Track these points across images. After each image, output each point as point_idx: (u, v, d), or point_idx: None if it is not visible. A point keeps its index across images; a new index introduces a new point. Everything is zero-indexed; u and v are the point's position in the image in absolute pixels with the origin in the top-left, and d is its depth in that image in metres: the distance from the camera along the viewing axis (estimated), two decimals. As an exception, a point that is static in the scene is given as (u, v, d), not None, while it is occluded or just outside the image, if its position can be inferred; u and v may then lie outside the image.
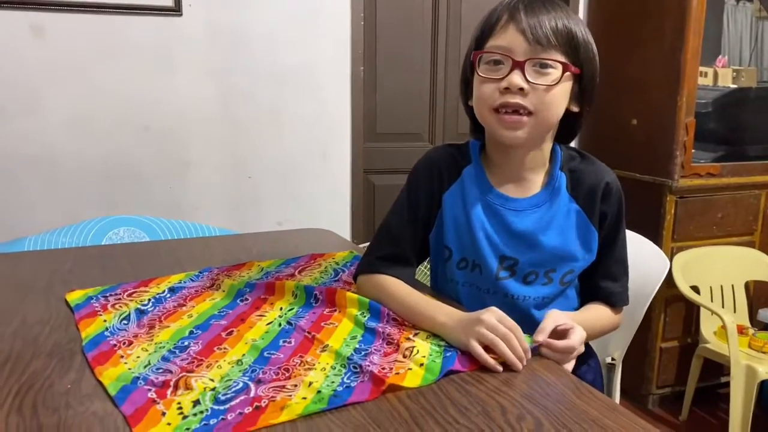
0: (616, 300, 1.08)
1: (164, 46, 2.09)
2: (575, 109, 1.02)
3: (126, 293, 1.09)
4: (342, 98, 2.34)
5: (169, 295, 1.09)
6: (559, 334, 0.91)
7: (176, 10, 2.07)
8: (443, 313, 0.93)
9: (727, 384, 2.15)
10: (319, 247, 1.41)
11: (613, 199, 1.05)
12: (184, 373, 0.79)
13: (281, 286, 1.10)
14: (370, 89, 2.46)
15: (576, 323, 0.93)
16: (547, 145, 1.04)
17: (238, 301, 1.07)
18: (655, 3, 2.36)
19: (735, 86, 2.73)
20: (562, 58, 0.95)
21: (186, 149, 2.17)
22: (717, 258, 2.43)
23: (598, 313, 1.07)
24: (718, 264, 2.43)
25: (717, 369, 2.42)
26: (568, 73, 0.96)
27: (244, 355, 0.86)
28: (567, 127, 1.05)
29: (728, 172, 2.42)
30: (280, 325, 0.97)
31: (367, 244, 1.21)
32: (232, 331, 0.94)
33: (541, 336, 0.88)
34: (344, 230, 2.37)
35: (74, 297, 1.07)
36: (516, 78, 0.94)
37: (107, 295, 1.08)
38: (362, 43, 2.34)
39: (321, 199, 2.37)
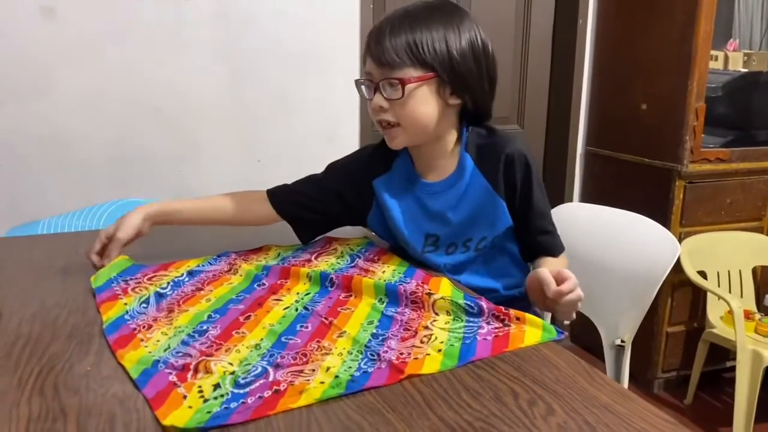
0: (556, 250, 1.20)
1: (173, 28, 2.09)
2: (454, 102, 1.12)
3: (146, 277, 1.10)
4: (350, 83, 2.31)
5: (187, 278, 1.10)
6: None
7: (185, -8, 2.07)
8: None
9: (732, 368, 2.17)
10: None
11: (516, 167, 1.14)
12: (203, 357, 0.80)
13: (296, 271, 1.11)
14: (378, 73, 2.45)
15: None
16: (450, 136, 1.18)
17: (255, 285, 1.08)
18: (666, -14, 2.33)
19: (746, 70, 2.71)
20: (406, 72, 1.07)
21: (196, 132, 2.18)
22: (725, 243, 2.43)
23: (557, 263, 1.18)
24: (726, 249, 2.43)
25: (722, 353, 2.44)
26: (413, 84, 1.07)
27: (262, 339, 0.87)
28: (477, 112, 1.17)
29: (737, 157, 2.42)
30: (296, 310, 0.98)
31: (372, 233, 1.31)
32: (250, 315, 0.95)
33: (552, 286, 0.95)
34: (352, 214, 2.38)
35: (95, 279, 1.09)
36: (376, 99, 1.11)
37: (127, 278, 1.09)
38: (371, 28, 2.32)
39: (329, 183, 2.37)
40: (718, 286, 2.38)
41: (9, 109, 1.96)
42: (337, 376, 0.77)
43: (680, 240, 2.36)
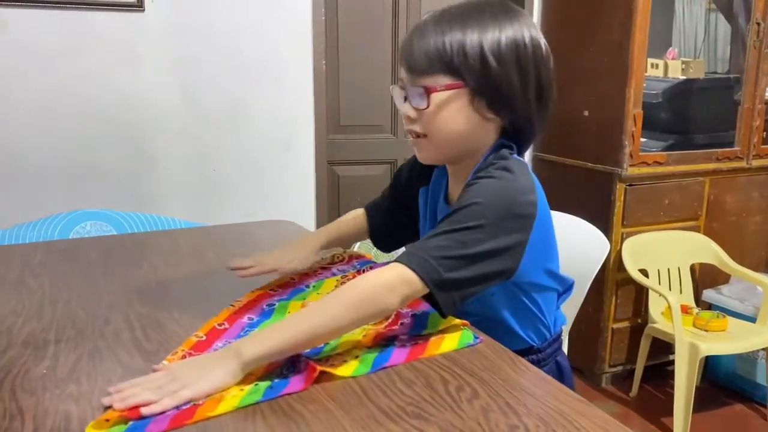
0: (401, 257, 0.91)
1: (127, 41, 2.12)
2: (490, 116, 0.98)
3: None
4: (305, 92, 2.40)
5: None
6: None
7: (138, 6, 2.10)
8: None
9: (674, 361, 2.28)
10: (283, 238, 1.47)
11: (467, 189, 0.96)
12: None
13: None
14: (332, 83, 2.52)
15: None
16: (484, 154, 1.02)
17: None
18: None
19: (684, 77, 2.85)
20: (435, 79, 0.95)
21: (151, 143, 2.20)
22: (664, 242, 2.56)
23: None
24: (666, 248, 2.56)
25: (665, 347, 2.56)
26: (440, 93, 0.95)
27: None
28: (517, 130, 1.03)
29: (674, 160, 2.55)
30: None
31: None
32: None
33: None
34: (309, 221, 2.43)
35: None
36: (404, 108, 1.00)
37: None
38: (323, 38, 2.39)
39: (286, 191, 2.43)
40: (659, 283, 2.51)
41: (-40, 122, 1.97)
42: (256, 384, 0.79)
43: (622, 240, 2.48)
